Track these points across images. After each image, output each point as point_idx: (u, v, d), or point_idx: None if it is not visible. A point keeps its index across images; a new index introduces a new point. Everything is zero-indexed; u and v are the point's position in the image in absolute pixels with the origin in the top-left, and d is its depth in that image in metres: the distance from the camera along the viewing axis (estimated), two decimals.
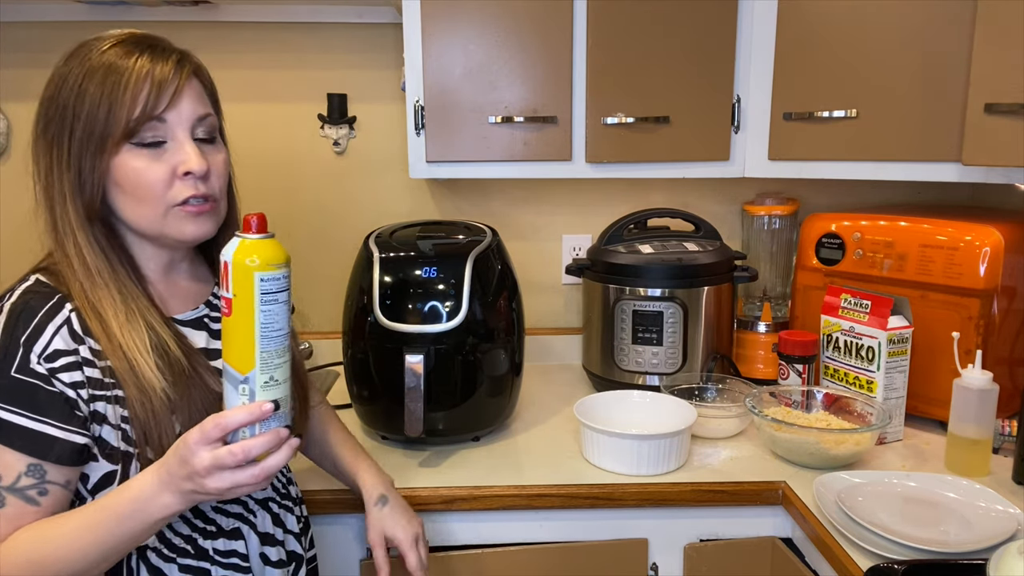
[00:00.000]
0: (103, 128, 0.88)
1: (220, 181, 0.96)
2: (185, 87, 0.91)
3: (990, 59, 1.26)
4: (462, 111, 1.55)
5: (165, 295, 0.99)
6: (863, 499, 1.19)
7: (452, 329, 1.34)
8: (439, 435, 1.42)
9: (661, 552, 1.33)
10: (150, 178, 0.90)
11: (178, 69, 0.91)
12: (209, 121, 0.95)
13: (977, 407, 1.27)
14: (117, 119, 0.87)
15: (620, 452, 1.31)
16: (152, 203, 0.91)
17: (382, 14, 1.80)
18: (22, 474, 0.83)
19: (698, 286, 1.60)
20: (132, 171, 0.89)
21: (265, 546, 1.01)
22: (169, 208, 0.92)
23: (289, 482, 1.11)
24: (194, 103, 0.93)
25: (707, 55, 1.55)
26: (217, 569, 0.96)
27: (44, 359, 0.85)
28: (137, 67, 0.88)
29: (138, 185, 0.90)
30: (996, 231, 1.38)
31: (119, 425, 0.89)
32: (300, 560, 1.08)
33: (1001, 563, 0.89)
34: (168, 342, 0.92)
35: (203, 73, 0.98)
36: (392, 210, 1.90)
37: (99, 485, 0.89)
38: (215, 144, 0.97)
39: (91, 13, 1.75)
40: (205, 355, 0.98)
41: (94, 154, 0.89)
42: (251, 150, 1.88)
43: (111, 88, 0.88)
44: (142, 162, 0.90)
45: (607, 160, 1.58)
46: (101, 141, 0.88)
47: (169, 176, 0.90)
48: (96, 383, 0.88)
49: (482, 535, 1.31)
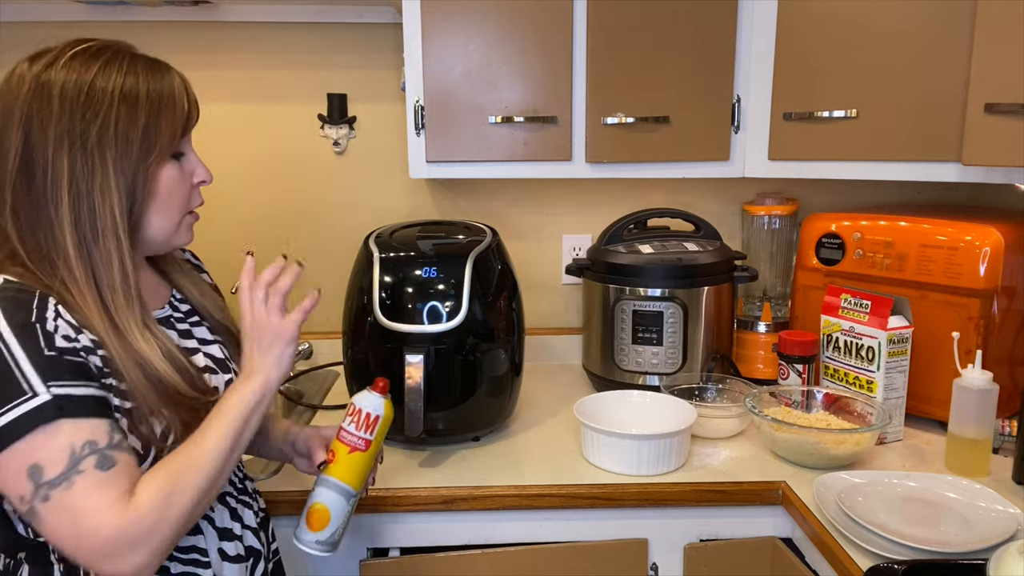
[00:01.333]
0: (153, 140, 0.91)
1: None
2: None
3: (990, 59, 1.26)
4: (462, 111, 1.55)
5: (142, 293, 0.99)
6: (863, 499, 1.19)
7: (452, 329, 1.34)
8: (439, 435, 1.42)
9: (661, 552, 1.33)
10: (183, 187, 0.97)
11: (190, 88, 0.98)
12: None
13: (977, 407, 1.27)
14: (174, 127, 0.93)
15: (620, 452, 1.31)
16: (176, 211, 0.97)
17: (382, 14, 1.80)
18: (111, 432, 0.85)
19: (698, 286, 1.60)
20: (171, 179, 0.95)
21: (223, 541, 1.01)
22: (183, 217, 0.98)
23: (246, 477, 1.11)
24: None
25: (707, 55, 1.55)
26: (176, 565, 0.95)
27: (62, 338, 0.85)
28: (175, 83, 0.94)
29: (172, 195, 0.95)
30: (996, 231, 1.38)
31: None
32: (258, 555, 1.07)
33: (1001, 563, 0.89)
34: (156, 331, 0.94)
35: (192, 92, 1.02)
36: (392, 210, 1.90)
37: None
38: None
39: (91, 13, 1.75)
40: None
41: (143, 157, 0.91)
42: (251, 150, 1.89)
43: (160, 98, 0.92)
44: (177, 173, 0.96)
45: (607, 160, 1.58)
46: (147, 152, 0.91)
47: (190, 185, 0.99)
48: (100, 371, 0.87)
49: (482, 535, 1.31)
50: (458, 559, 1.29)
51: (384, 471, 1.32)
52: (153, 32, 1.79)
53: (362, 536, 1.31)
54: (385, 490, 1.27)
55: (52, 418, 0.81)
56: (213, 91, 1.82)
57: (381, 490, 1.27)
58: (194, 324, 1.06)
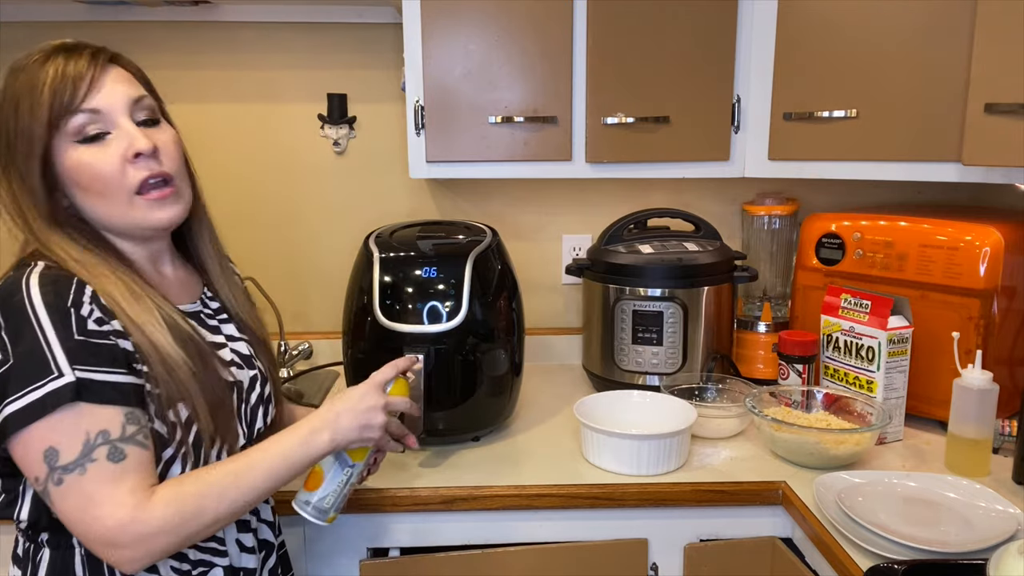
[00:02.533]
0: (29, 132, 0.90)
1: (173, 161, 0.97)
2: (103, 75, 0.93)
3: (990, 59, 1.26)
4: (462, 111, 1.55)
5: (160, 287, 1.00)
6: (863, 499, 1.19)
7: (452, 329, 1.34)
8: (439, 435, 1.42)
9: (661, 552, 1.33)
10: (103, 168, 0.91)
11: (92, 60, 0.93)
12: (146, 103, 0.96)
13: (977, 407, 1.27)
14: (39, 120, 0.89)
15: (620, 452, 1.31)
16: (112, 194, 0.93)
17: (382, 14, 1.80)
18: (124, 424, 0.86)
19: (698, 286, 1.60)
20: (83, 166, 0.91)
21: (240, 533, 1.03)
22: (131, 196, 0.93)
23: None
24: (123, 87, 0.94)
25: (707, 55, 1.55)
26: (195, 552, 0.97)
27: (94, 321, 0.87)
28: (51, 69, 0.90)
29: (93, 178, 0.92)
30: (996, 231, 1.38)
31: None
32: (271, 548, 1.10)
33: (1001, 563, 0.89)
34: (177, 320, 0.95)
35: (124, 61, 0.99)
36: (392, 210, 1.90)
37: None
38: (159, 125, 0.98)
39: (91, 13, 1.75)
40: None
41: (27, 159, 0.90)
42: (251, 150, 1.89)
43: (30, 95, 0.90)
44: (89, 156, 0.91)
45: (607, 160, 1.58)
46: (29, 144, 0.90)
47: (120, 162, 0.92)
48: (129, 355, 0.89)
49: (482, 535, 1.31)
50: (458, 559, 1.29)
51: (384, 471, 1.32)
52: (153, 32, 1.79)
53: (362, 536, 1.31)
54: (385, 490, 1.27)
55: (71, 400, 0.83)
56: (213, 91, 1.83)
57: (381, 490, 1.27)
58: (223, 321, 1.07)
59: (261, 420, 1.07)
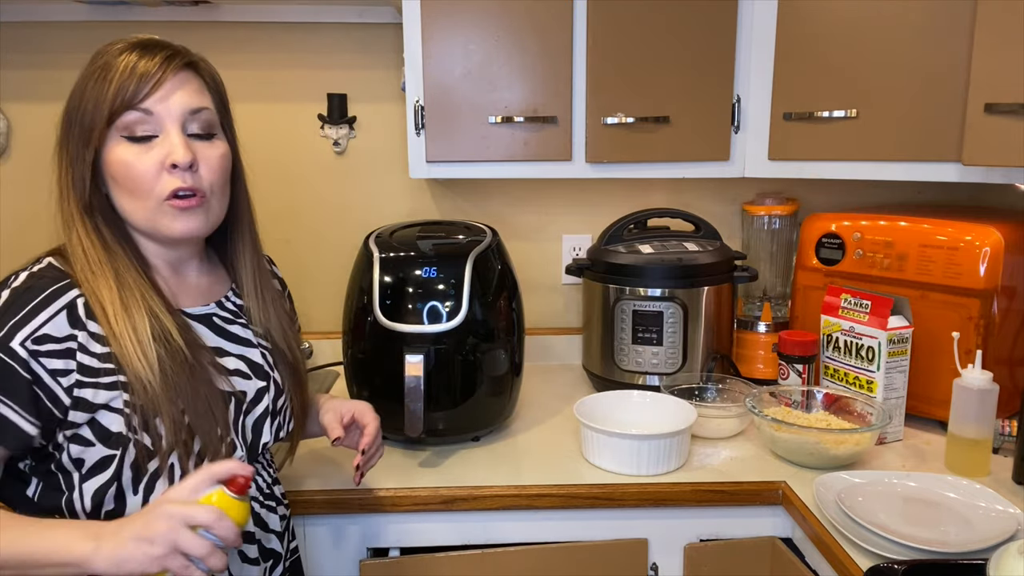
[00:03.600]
0: (91, 121, 0.92)
1: (213, 176, 0.97)
2: (171, 79, 0.93)
3: (990, 59, 1.26)
4: (462, 111, 1.55)
5: (175, 289, 1.01)
6: (863, 499, 1.19)
7: (452, 329, 1.34)
8: (439, 435, 1.42)
9: (661, 552, 1.33)
10: (139, 169, 0.92)
11: (165, 62, 0.93)
12: (204, 116, 0.96)
13: (977, 407, 1.27)
14: (100, 111, 0.91)
15: (620, 452, 1.31)
16: (143, 196, 0.93)
17: (382, 14, 1.80)
18: None
19: (698, 286, 1.60)
20: (122, 164, 0.92)
21: (244, 544, 1.02)
22: (159, 202, 0.94)
23: (275, 482, 1.11)
24: (187, 96, 0.94)
25: (707, 55, 1.55)
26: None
27: (31, 341, 0.87)
28: (124, 63, 0.92)
29: (128, 177, 0.93)
30: (996, 231, 1.38)
31: (122, 410, 0.90)
32: (279, 557, 1.09)
33: (1001, 563, 0.89)
34: (171, 330, 0.94)
35: (202, 68, 0.99)
36: (392, 210, 1.90)
37: (94, 469, 0.90)
38: (211, 140, 0.98)
39: (91, 13, 1.75)
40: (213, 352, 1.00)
41: (84, 147, 0.92)
42: (251, 150, 1.88)
43: (99, 84, 0.91)
44: (132, 155, 0.92)
45: (607, 160, 1.58)
46: (88, 133, 0.92)
47: (158, 168, 0.93)
48: (88, 370, 0.89)
49: (482, 535, 1.31)
50: (458, 559, 1.29)
51: (384, 471, 1.32)
52: (153, 32, 1.76)
53: (362, 536, 1.31)
54: (385, 490, 1.27)
55: None
56: None
57: (381, 490, 1.27)
58: (241, 325, 1.06)
59: (269, 434, 1.05)
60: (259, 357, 1.06)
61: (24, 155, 1.82)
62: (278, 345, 1.09)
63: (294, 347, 1.12)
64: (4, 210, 1.81)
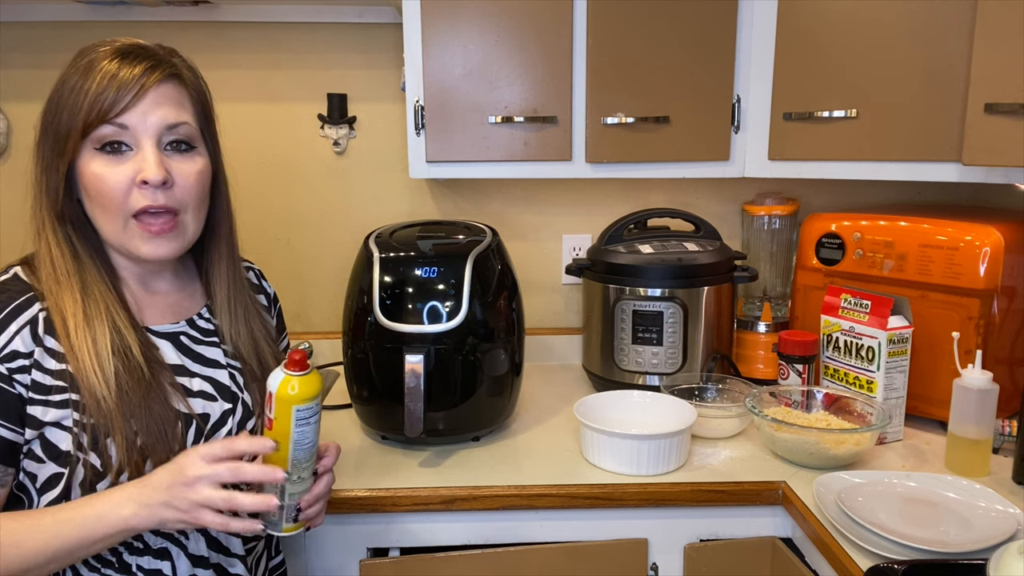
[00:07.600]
0: (65, 131, 0.89)
1: (187, 193, 0.94)
2: (151, 92, 0.90)
3: (990, 59, 1.26)
4: (462, 111, 1.55)
5: (142, 304, 0.99)
6: (863, 499, 1.19)
7: (452, 329, 1.34)
8: (439, 435, 1.42)
9: (661, 552, 1.33)
10: (109, 183, 0.90)
11: (145, 74, 0.90)
12: (182, 130, 0.93)
13: (977, 407, 1.27)
14: (75, 122, 0.88)
15: (620, 452, 1.31)
16: (113, 211, 0.91)
17: (382, 14, 1.80)
18: None
19: (698, 286, 1.60)
20: (94, 176, 0.90)
21: (198, 568, 0.98)
22: (128, 219, 0.91)
23: None
24: (165, 111, 0.91)
25: (707, 55, 1.55)
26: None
27: (2, 359, 0.86)
28: (104, 70, 0.88)
29: (99, 191, 0.90)
30: (996, 231, 1.38)
31: (71, 428, 0.88)
32: None
33: (1001, 563, 0.89)
34: (132, 346, 0.91)
35: (186, 79, 0.96)
36: (392, 210, 1.90)
37: (45, 486, 0.90)
38: (189, 154, 0.95)
39: (91, 13, 1.75)
40: (174, 371, 0.97)
41: (57, 157, 0.90)
42: (251, 150, 1.89)
43: (77, 90, 0.88)
44: (103, 167, 0.90)
45: (607, 160, 1.58)
46: (63, 143, 0.90)
47: (128, 184, 0.90)
48: (39, 387, 0.88)
49: (482, 535, 1.31)
50: (458, 559, 1.29)
51: (384, 471, 1.32)
52: (153, 32, 1.79)
53: (362, 536, 1.31)
54: (385, 490, 1.27)
55: None
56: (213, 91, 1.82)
57: (381, 490, 1.27)
58: (211, 344, 1.03)
59: None
60: (227, 378, 1.02)
61: (24, 155, 1.80)
62: (247, 363, 1.04)
63: (269, 365, 1.05)
64: (4, 210, 1.81)
